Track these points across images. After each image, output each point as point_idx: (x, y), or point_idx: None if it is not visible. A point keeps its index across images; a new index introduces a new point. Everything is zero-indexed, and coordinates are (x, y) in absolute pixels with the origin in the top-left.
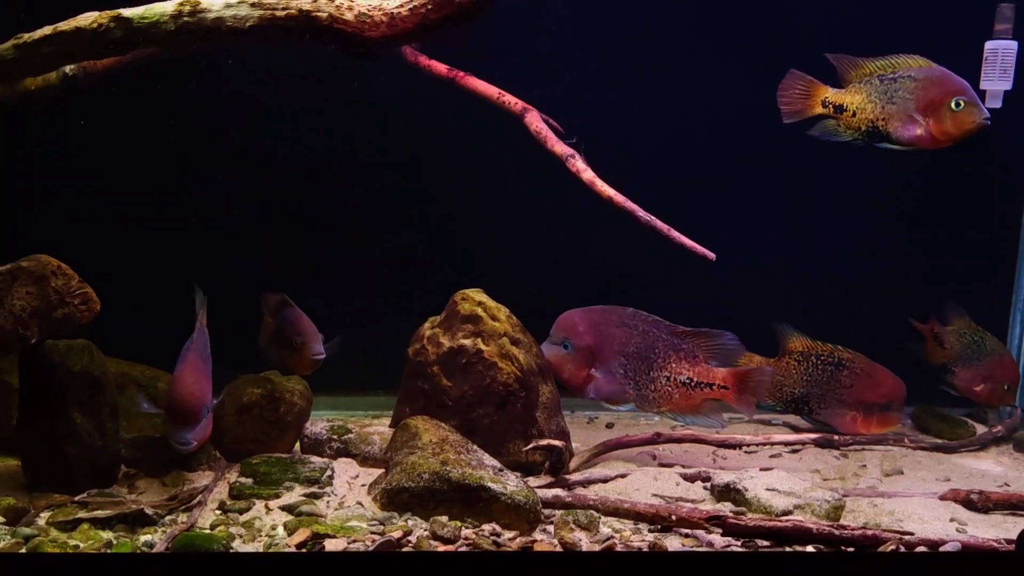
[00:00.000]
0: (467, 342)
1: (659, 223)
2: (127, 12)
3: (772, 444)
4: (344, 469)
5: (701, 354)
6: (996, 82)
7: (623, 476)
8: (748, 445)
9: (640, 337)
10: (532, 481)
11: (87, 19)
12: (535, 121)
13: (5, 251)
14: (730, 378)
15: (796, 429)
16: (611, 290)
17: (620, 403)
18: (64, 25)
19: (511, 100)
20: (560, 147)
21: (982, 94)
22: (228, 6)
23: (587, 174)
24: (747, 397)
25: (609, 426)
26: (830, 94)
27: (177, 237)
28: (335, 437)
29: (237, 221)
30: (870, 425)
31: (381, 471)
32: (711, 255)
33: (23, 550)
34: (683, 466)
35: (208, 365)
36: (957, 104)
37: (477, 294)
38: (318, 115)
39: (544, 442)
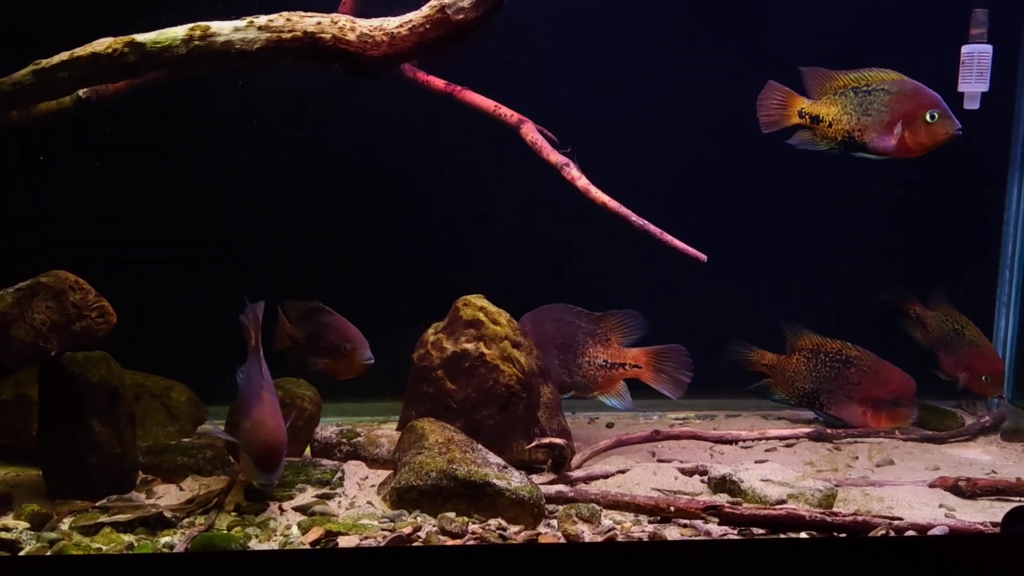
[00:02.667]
0: (470, 346)
1: (652, 227)
2: (140, 37)
3: (767, 439)
4: (354, 471)
5: (613, 336)
6: (973, 84)
7: (623, 472)
8: (744, 440)
9: (565, 328)
10: (535, 478)
11: (102, 44)
12: (530, 132)
13: (18, 269)
14: (641, 357)
15: (793, 423)
16: (609, 295)
17: (565, 391)
18: (80, 51)
19: (507, 112)
20: (555, 156)
21: (960, 96)
22: (236, 30)
23: (581, 181)
24: (663, 376)
25: (609, 426)
26: (806, 105)
27: (181, 247)
28: (344, 440)
29: (242, 230)
30: (880, 420)
31: (389, 472)
32: (703, 257)
33: (48, 553)
34: (681, 461)
35: (276, 396)
36: (932, 116)
37: (478, 300)
38: (322, 127)
39: (546, 440)
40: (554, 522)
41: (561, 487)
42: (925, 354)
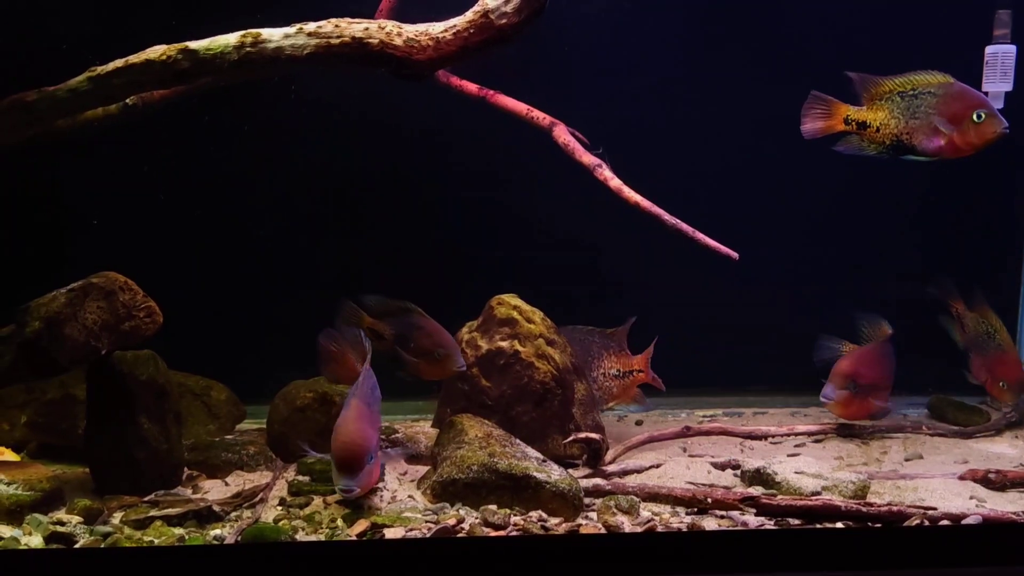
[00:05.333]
0: (504, 344)
1: (684, 226)
2: (193, 44)
3: (796, 434)
4: (393, 466)
5: (622, 347)
6: (997, 84)
7: (657, 466)
8: (773, 436)
9: (580, 347)
10: (572, 472)
11: (156, 52)
12: (563, 134)
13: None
14: (642, 361)
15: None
16: (634, 293)
17: None
18: (135, 58)
19: (539, 115)
20: (587, 157)
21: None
22: (287, 36)
23: (614, 182)
24: (657, 376)
25: (639, 423)
26: (852, 112)
27: (222, 247)
28: (383, 437)
29: (280, 230)
30: (850, 407)
31: (428, 467)
32: (735, 255)
33: (102, 546)
34: (712, 456)
35: (375, 409)
36: (979, 116)
37: (512, 299)
38: (357, 130)
39: (583, 435)
40: (592, 514)
41: (598, 480)
42: (960, 354)
